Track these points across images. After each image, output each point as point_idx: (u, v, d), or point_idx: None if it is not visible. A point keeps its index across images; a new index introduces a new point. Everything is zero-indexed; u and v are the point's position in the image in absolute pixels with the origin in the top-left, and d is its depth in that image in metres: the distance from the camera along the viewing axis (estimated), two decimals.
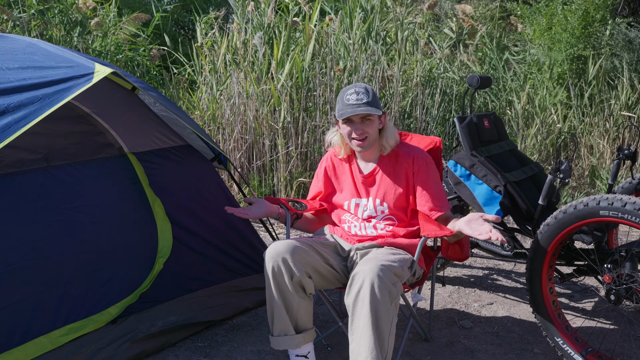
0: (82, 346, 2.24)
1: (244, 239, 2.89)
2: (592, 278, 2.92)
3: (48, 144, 2.32)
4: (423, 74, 5.18)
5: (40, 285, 2.19)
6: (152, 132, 2.69)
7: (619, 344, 2.60)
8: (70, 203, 2.34)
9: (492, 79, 3.82)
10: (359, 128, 2.24)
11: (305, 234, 2.98)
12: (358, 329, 1.96)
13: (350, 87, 2.26)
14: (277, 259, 2.09)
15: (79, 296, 2.29)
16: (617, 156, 2.89)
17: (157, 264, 2.55)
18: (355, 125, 2.24)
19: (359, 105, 2.20)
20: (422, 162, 2.33)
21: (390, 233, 2.34)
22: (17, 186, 2.19)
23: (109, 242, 2.42)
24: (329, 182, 2.49)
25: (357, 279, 1.98)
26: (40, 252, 2.20)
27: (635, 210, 2.06)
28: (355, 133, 2.24)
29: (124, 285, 2.44)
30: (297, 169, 4.71)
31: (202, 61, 5.16)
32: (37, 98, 1.93)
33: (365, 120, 2.24)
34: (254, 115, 4.74)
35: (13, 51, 2.25)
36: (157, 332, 2.46)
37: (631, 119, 5.33)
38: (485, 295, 3.17)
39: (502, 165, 2.83)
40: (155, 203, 2.61)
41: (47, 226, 2.24)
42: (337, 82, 4.83)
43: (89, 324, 2.28)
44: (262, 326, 2.74)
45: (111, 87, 2.53)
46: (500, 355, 2.53)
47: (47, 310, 2.19)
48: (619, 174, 2.94)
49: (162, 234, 2.60)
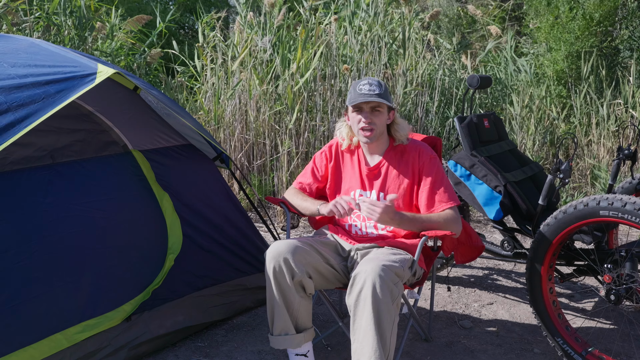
0: (96, 345, 2.24)
1: (247, 237, 2.89)
2: (592, 278, 2.92)
3: (52, 141, 2.31)
4: (424, 75, 5.19)
5: (54, 282, 2.17)
6: (154, 131, 2.69)
7: (619, 344, 2.61)
8: (79, 199, 2.33)
9: (492, 79, 3.83)
10: (368, 117, 2.27)
11: (306, 234, 2.98)
12: (360, 329, 1.96)
13: (363, 78, 2.31)
14: (278, 258, 2.10)
15: (93, 293, 2.27)
16: (617, 156, 2.90)
17: (168, 260, 2.54)
18: (365, 114, 2.27)
19: (370, 95, 2.24)
20: (427, 157, 2.34)
21: (391, 233, 2.34)
22: (25, 183, 2.19)
23: (119, 238, 2.41)
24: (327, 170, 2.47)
25: (359, 279, 1.98)
26: (52, 248, 2.18)
27: (635, 210, 2.07)
28: (364, 121, 2.27)
29: (136, 282, 2.43)
30: (298, 169, 4.72)
31: (204, 61, 5.16)
32: (40, 97, 1.93)
33: (374, 110, 2.27)
34: (255, 115, 4.75)
35: (16, 51, 2.25)
36: (164, 334, 2.47)
37: (632, 119, 5.33)
38: (485, 295, 3.18)
39: (502, 165, 2.83)
40: (163, 198, 2.60)
41: (58, 222, 2.23)
42: (340, 82, 4.84)
43: (104, 321, 2.27)
44: (262, 326, 2.75)
45: (113, 87, 2.54)
46: (500, 355, 2.53)
47: (60, 307, 2.17)
48: (619, 174, 2.94)
49: (171, 229, 2.59)
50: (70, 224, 2.26)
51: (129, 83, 2.58)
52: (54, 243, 2.19)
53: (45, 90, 1.98)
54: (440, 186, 2.30)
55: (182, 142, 2.81)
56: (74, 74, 2.08)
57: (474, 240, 2.50)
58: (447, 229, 2.24)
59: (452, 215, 2.27)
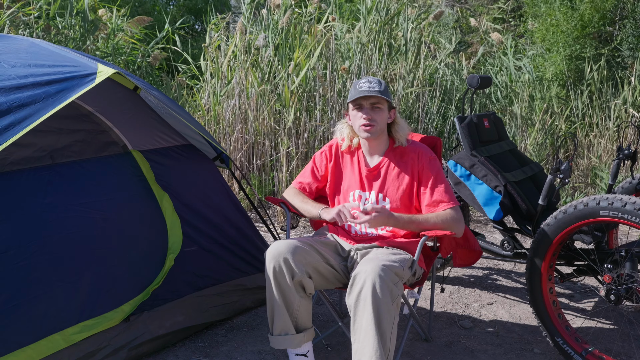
0: (95, 345, 2.23)
1: (247, 237, 2.89)
2: (592, 278, 2.92)
3: (52, 142, 2.31)
4: (425, 75, 5.20)
5: (53, 282, 2.16)
6: (154, 131, 2.69)
7: (619, 344, 2.61)
8: (79, 199, 2.33)
9: (492, 79, 3.83)
10: (368, 113, 2.27)
11: (306, 234, 2.98)
12: (361, 329, 1.96)
13: (364, 77, 2.33)
14: (278, 258, 2.10)
15: (91, 293, 2.27)
16: (617, 156, 2.90)
17: (168, 260, 2.54)
18: (365, 110, 2.28)
19: (370, 92, 2.25)
20: (426, 159, 2.34)
21: (390, 233, 2.34)
22: (24, 183, 2.18)
23: (120, 238, 2.41)
24: (326, 169, 2.47)
25: (359, 279, 1.98)
26: (52, 249, 2.18)
27: (635, 210, 2.07)
28: (364, 117, 2.27)
29: (135, 282, 2.43)
30: (298, 169, 4.72)
31: (208, 61, 5.16)
32: (40, 97, 1.93)
33: (374, 107, 2.28)
34: (255, 115, 4.75)
35: (16, 51, 2.25)
36: (163, 334, 2.46)
37: (632, 118, 5.33)
38: (485, 295, 3.18)
39: (502, 165, 2.83)
40: (163, 199, 2.60)
41: (57, 222, 2.23)
42: (340, 82, 4.84)
43: (103, 322, 2.26)
44: (262, 326, 2.75)
45: (113, 87, 2.53)
46: (500, 355, 2.53)
47: (59, 307, 2.16)
48: (619, 174, 2.94)
49: (171, 229, 2.59)
50: (69, 224, 2.26)
51: (129, 83, 2.57)
52: (53, 243, 2.19)
53: (46, 90, 1.97)
54: (440, 187, 2.30)
55: (182, 142, 2.81)
56: (74, 74, 2.08)
57: (472, 243, 2.49)
58: (448, 229, 2.24)
59: (453, 215, 2.27)
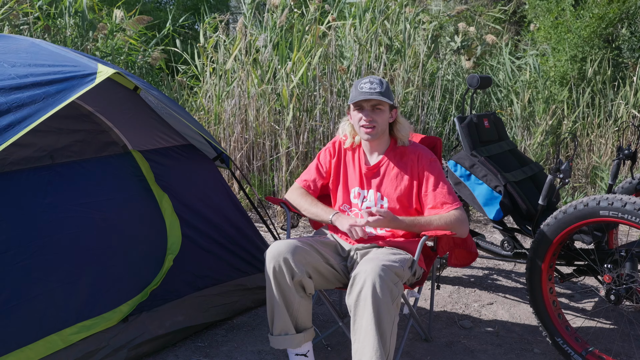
0: (94, 346, 2.23)
1: (247, 237, 2.89)
2: (592, 278, 2.92)
3: (52, 142, 2.31)
4: (426, 74, 5.19)
5: (51, 282, 2.16)
6: (154, 131, 2.69)
7: (619, 344, 2.61)
8: (78, 199, 2.33)
9: (492, 79, 3.83)
10: (369, 115, 2.27)
11: (306, 234, 2.98)
12: (361, 329, 1.96)
13: (365, 77, 2.32)
14: (278, 258, 2.10)
15: (90, 293, 2.27)
16: (617, 156, 2.90)
17: (167, 261, 2.54)
18: (366, 112, 2.27)
19: (371, 94, 2.24)
20: (427, 160, 2.34)
21: (389, 233, 2.34)
22: (24, 183, 2.18)
23: (119, 238, 2.41)
24: (330, 165, 2.47)
25: (359, 279, 1.98)
26: (51, 249, 2.18)
27: (635, 210, 2.07)
28: (365, 120, 2.26)
29: (134, 283, 2.43)
30: (298, 169, 4.72)
31: (204, 61, 5.16)
32: (40, 97, 1.93)
33: (375, 109, 2.27)
34: (255, 115, 4.75)
35: (16, 51, 2.25)
36: (163, 334, 2.46)
37: (632, 119, 5.33)
38: (485, 295, 3.18)
39: (502, 165, 2.83)
40: (162, 199, 2.60)
41: (57, 222, 2.23)
42: (339, 82, 4.84)
43: (101, 322, 2.26)
44: (262, 326, 2.75)
45: (113, 87, 2.54)
46: (500, 355, 2.53)
47: (58, 307, 2.17)
48: (619, 174, 2.94)
49: (170, 230, 2.59)
50: (69, 225, 2.26)
51: (129, 83, 2.58)
52: (53, 243, 2.19)
53: (46, 90, 1.97)
54: (443, 188, 2.30)
55: (182, 142, 2.81)
56: (74, 74, 2.08)
57: (469, 244, 2.49)
58: (452, 230, 2.24)
59: (458, 216, 2.26)
